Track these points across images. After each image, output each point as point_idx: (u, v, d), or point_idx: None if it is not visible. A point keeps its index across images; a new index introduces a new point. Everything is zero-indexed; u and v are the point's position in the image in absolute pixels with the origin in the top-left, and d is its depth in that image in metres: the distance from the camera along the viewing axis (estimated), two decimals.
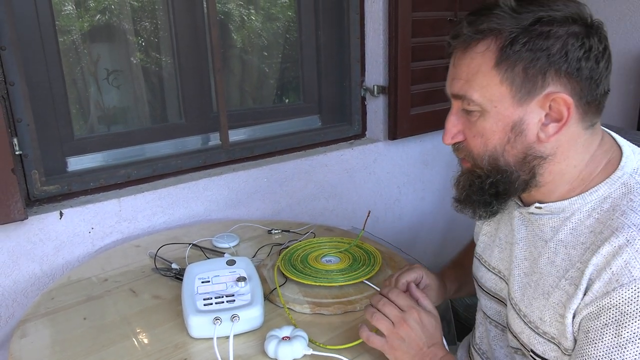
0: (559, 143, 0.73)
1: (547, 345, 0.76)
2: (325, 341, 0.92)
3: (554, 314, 0.74)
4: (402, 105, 1.79)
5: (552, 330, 0.75)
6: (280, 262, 1.15)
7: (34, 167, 1.28)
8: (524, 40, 0.69)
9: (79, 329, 0.97)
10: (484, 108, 0.74)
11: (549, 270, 0.76)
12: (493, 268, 0.92)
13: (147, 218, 1.44)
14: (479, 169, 0.78)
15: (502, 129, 0.74)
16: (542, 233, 0.79)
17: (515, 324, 0.82)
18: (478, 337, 1.00)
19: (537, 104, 0.71)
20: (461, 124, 0.78)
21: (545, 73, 0.69)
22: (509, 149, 0.74)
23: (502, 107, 0.73)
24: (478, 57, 0.72)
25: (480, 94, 0.73)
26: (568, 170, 0.75)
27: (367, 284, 1.09)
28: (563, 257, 0.74)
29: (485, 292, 0.94)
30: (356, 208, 1.88)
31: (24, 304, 1.28)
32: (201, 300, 0.94)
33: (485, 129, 0.75)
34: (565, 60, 0.69)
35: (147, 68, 1.60)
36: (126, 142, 1.52)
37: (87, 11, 1.47)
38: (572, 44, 0.68)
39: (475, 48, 0.73)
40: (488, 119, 0.74)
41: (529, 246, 0.82)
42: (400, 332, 0.82)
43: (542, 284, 0.77)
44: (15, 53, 1.20)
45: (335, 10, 1.82)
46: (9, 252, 1.24)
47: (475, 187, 0.79)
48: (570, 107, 0.70)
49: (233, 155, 1.62)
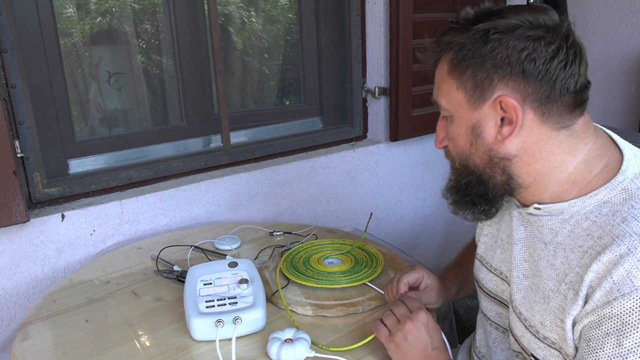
0: (524, 144, 0.75)
1: (547, 351, 0.76)
2: (328, 343, 0.92)
3: (554, 318, 0.74)
4: (403, 106, 1.79)
5: (552, 335, 0.75)
6: (283, 264, 1.15)
7: (35, 170, 1.28)
8: (468, 48, 0.74)
9: (81, 332, 0.97)
10: (450, 113, 0.80)
11: (548, 273, 0.76)
12: (495, 269, 0.92)
13: (149, 220, 1.43)
14: (455, 171, 0.84)
15: (464, 132, 0.78)
16: (542, 235, 0.79)
17: (516, 328, 0.82)
18: (478, 339, 1.00)
19: (489, 107, 0.75)
20: (444, 130, 0.84)
21: (492, 77, 0.73)
22: (474, 151, 0.79)
23: (462, 112, 0.78)
24: (441, 68, 0.79)
25: (446, 100, 0.79)
26: (549, 172, 0.76)
27: (370, 285, 1.09)
28: (562, 261, 0.74)
29: (487, 293, 0.94)
30: (358, 210, 1.88)
31: (26, 306, 1.28)
32: (203, 303, 0.94)
33: (453, 133, 0.81)
34: (509, 63, 0.72)
35: (148, 70, 1.60)
36: (128, 145, 1.52)
37: (88, 14, 1.48)
38: (514, 47, 0.71)
39: (440, 61, 0.80)
40: (454, 124, 0.80)
41: (528, 247, 0.82)
42: (405, 329, 0.84)
43: (543, 288, 0.77)
44: (17, 56, 1.20)
45: (336, 11, 1.82)
46: (10, 254, 1.24)
47: (454, 188, 0.85)
48: (517, 109, 0.72)
49: (234, 157, 1.62)
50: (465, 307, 1.39)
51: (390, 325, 0.87)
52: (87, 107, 1.52)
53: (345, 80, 1.88)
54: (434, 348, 0.84)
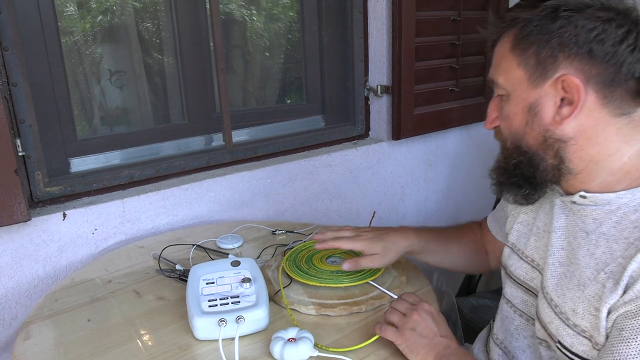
0: (581, 127, 0.74)
1: (575, 339, 0.75)
2: (331, 342, 0.91)
3: (588, 306, 0.73)
4: (405, 105, 1.78)
5: (583, 323, 0.74)
6: (285, 263, 1.14)
7: (37, 168, 1.27)
8: (535, 24, 0.73)
9: (83, 331, 0.96)
10: (508, 91, 0.79)
11: (587, 262, 0.75)
12: (527, 257, 0.91)
13: (151, 219, 1.43)
14: (505, 151, 0.83)
15: (521, 111, 0.78)
16: (584, 224, 0.78)
17: (545, 314, 0.81)
18: (496, 326, 1.00)
19: (550, 86, 0.74)
20: (497, 110, 0.84)
21: (556, 55, 0.72)
22: (529, 131, 0.78)
23: (521, 90, 0.77)
24: (502, 44, 0.79)
25: (504, 77, 0.79)
26: (602, 159, 0.74)
27: (372, 284, 1.08)
28: (604, 250, 0.73)
29: (514, 280, 0.93)
30: (360, 208, 1.87)
31: (28, 305, 1.27)
32: (206, 302, 0.94)
33: (509, 112, 0.80)
34: (576, 42, 0.71)
35: (149, 68, 1.59)
36: (129, 143, 1.52)
37: (89, 12, 1.47)
38: (583, 26, 0.70)
39: (502, 37, 0.79)
40: (511, 102, 0.79)
41: (567, 236, 0.81)
42: (411, 321, 0.85)
43: (579, 275, 0.76)
44: (18, 54, 1.20)
45: (338, 9, 1.82)
46: (12, 253, 1.24)
47: (502, 169, 0.84)
48: (579, 89, 0.71)
49: (236, 155, 1.61)
50: (470, 306, 1.38)
51: (397, 320, 0.87)
52: (88, 106, 1.52)
53: (347, 78, 1.88)
54: (442, 335, 0.85)
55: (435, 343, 0.84)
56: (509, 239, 0.97)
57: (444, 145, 2.07)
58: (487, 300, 1.47)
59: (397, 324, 0.87)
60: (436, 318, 0.87)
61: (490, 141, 2.20)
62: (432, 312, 0.88)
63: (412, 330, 0.85)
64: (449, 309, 1.26)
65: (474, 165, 2.21)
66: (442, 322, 0.88)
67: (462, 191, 2.21)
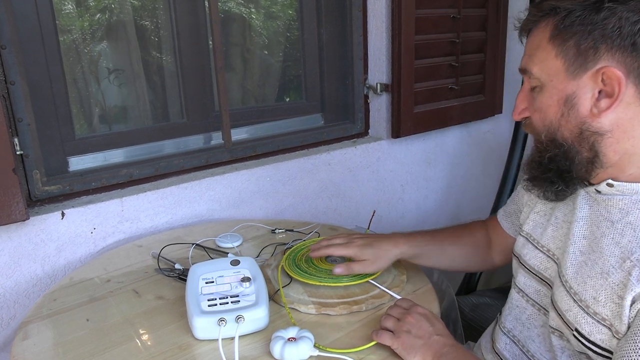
0: (618, 120, 0.74)
1: (594, 327, 0.75)
2: (331, 342, 0.91)
3: (611, 294, 0.73)
4: (405, 103, 1.78)
5: (604, 311, 0.73)
6: (285, 261, 1.14)
7: (35, 167, 1.27)
8: (577, 14, 0.73)
9: (82, 331, 0.96)
10: (542, 82, 0.78)
11: (612, 250, 0.75)
12: (542, 247, 0.91)
13: (150, 218, 1.42)
14: (540, 144, 0.82)
15: (556, 103, 0.77)
16: (609, 214, 0.78)
17: (563, 302, 0.81)
18: (505, 315, 1.00)
19: (590, 78, 0.74)
20: (527, 101, 0.83)
21: (598, 47, 0.72)
22: (564, 124, 0.77)
23: (557, 81, 0.76)
24: (539, 33, 0.78)
25: (539, 67, 0.78)
26: (636, 152, 0.75)
27: (373, 283, 1.08)
28: (630, 239, 0.73)
29: (528, 269, 0.93)
30: (359, 207, 1.87)
31: (26, 305, 1.27)
32: (205, 301, 0.93)
33: (543, 103, 0.79)
34: (619, 34, 0.70)
35: (148, 67, 1.59)
36: (128, 142, 1.51)
37: (87, 10, 1.46)
38: (627, 18, 0.70)
39: (538, 26, 0.78)
40: (545, 93, 0.78)
41: (590, 225, 0.81)
42: (406, 324, 0.86)
43: (602, 264, 0.76)
44: (16, 52, 1.19)
45: (338, 7, 1.81)
46: (10, 253, 1.23)
47: (536, 162, 0.83)
48: (621, 82, 0.71)
49: (235, 154, 1.61)
50: (470, 305, 1.38)
51: (392, 325, 0.88)
52: (87, 104, 1.51)
53: (346, 76, 1.87)
54: (438, 334, 0.85)
55: (432, 342, 0.84)
56: (524, 228, 0.97)
57: (444, 144, 2.07)
58: (488, 298, 1.47)
59: (392, 328, 0.87)
60: (431, 319, 0.88)
61: (490, 139, 2.21)
62: (426, 314, 0.89)
63: (408, 332, 0.85)
64: (449, 307, 1.25)
65: (473, 163, 2.20)
66: (437, 322, 0.89)
67: (461, 189, 2.20)
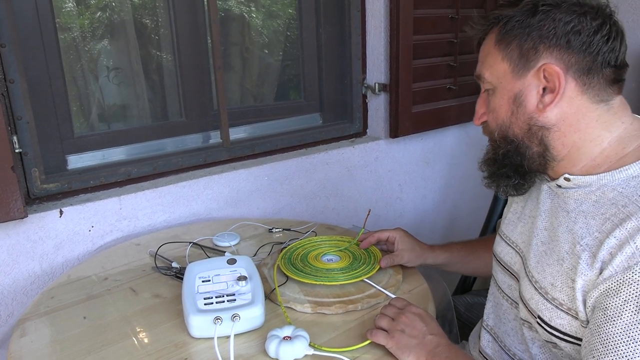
0: (563, 114, 0.78)
1: (554, 312, 0.78)
2: (327, 341, 0.91)
3: (566, 279, 0.76)
4: (403, 103, 1.78)
5: (561, 297, 0.77)
6: (280, 261, 1.14)
7: (34, 165, 1.27)
8: (517, 19, 0.79)
9: (79, 328, 0.96)
10: (493, 85, 0.84)
11: (565, 237, 0.79)
12: (512, 242, 0.95)
13: (148, 216, 1.43)
14: (494, 142, 0.87)
15: (506, 102, 0.82)
16: (566, 205, 0.81)
17: (526, 291, 0.85)
18: (486, 313, 1.03)
19: (533, 76, 0.79)
20: (484, 106, 0.88)
21: (537, 47, 0.78)
22: (514, 121, 0.82)
23: (505, 82, 0.82)
24: (487, 41, 0.85)
25: (490, 72, 0.84)
26: (584, 144, 0.79)
27: (368, 282, 1.08)
28: (581, 225, 0.76)
29: (502, 265, 0.97)
30: (357, 206, 1.87)
31: (24, 302, 1.27)
32: (202, 300, 0.94)
33: (495, 105, 0.84)
34: (554, 34, 0.76)
35: (147, 65, 1.59)
36: (126, 140, 1.52)
37: (87, 8, 1.47)
38: (560, 19, 0.76)
39: (487, 35, 0.85)
40: (496, 95, 0.84)
41: (550, 217, 0.84)
42: (400, 324, 0.87)
43: (558, 251, 0.79)
44: (15, 50, 1.20)
45: (337, 7, 1.81)
46: (8, 250, 1.24)
47: (491, 160, 0.88)
48: (560, 77, 0.76)
49: (234, 153, 1.61)
50: (465, 305, 1.39)
51: (386, 325, 0.89)
52: (85, 102, 1.51)
53: (345, 76, 1.88)
54: (431, 334, 0.87)
55: (425, 342, 0.85)
56: (501, 227, 1.01)
57: (442, 144, 2.07)
58: (483, 298, 1.47)
59: (386, 328, 0.89)
60: (425, 318, 0.90)
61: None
62: (420, 313, 0.90)
63: (402, 332, 0.86)
64: (445, 307, 1.26)
65: (471, 163, 2.20)
66: (431, 321, 0.90)
67: (459, 189, 2.21)
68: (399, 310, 0.91)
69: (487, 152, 0.90)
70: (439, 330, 0.88)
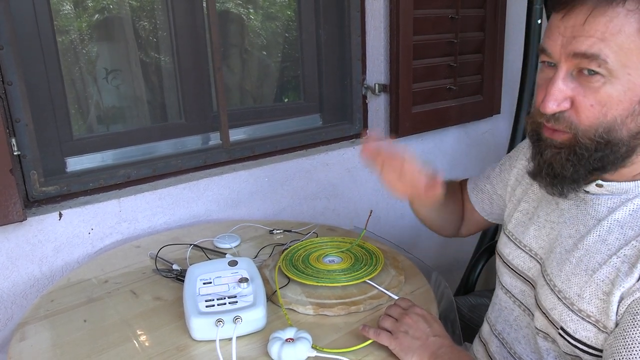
0: None
1: (579, 324, 0.74)
2: (329, 343, 0.91)
3: (596, 290, 0.72)
4: (403, 103, 1.78)
5: (590, 308, 0.73)
6: (282, 262, 1.14)
7: (32, 168, 1.27)
8: None
9: (79, 332, 0.95)
10: (613, 74, 0.67)
11: (598, 247, 0.74)
12: (524, 246, 0.90)
13: (148, 218, 1.42)
14: (588, 141, 0.71)
15: (629, 99, 0.68)
16: (596, 212, 0.77)
17: (547, 300, 0.81)
18: (494, 317, 1.00)
19: None
20: (570, 90, 0.71)
21: None
22: (629, 122, 0.69)
23: (637, 76, 0.67)
24: (621, 16, 0.65)
25: (617, 56, 0.66)
26: None
27: (370, 283, 1.07)
28: (617, 236, 0.73)
29: (512, 269, 0.93)
30: (358, 207, 1.86)
31: (23, 306, 1.27)
32: (203, 302, 0.93)
33: (610, 97, 0.68)
34: None
35: (146, 67, 1.59)
36: (126, 142, 1.51)
37: (85, 10, 1.46)
38: None
39: (618, 3, 0.66)
40: (616, 86, 0.68)
41: (576, 224, 0.80)
42: (403, 325, 0.86)
43: (587, 261, 0.75)
44: (14, 52, 1.19)
45: (336, 8, 1.81)
46: (7, 253, 1.23)
47: (576, 161, 0.73)
48: None
49: (234, 154, 1.60)
50: (468, 305, 1.38)
51: (389, 325, 0.88)
52: (84, 105, 1.51)
53: (345, 77, 1.87)
54: (435, 335, 0.85)
55: (429, 343, 0.84)
56: (508, 227, 0.97)
57: (442, 144, 2.07)
58: (486, 299, 1.47)
59: (390, 329, 0.88)
60: (428, 319, 0.88)
61: (488, 140, 2.21)
62: (424, 315, 0.89)
63: (405, 333, 0.85)
64: (447, 308, 1.25)
65: (471, 163, 2.20)
66: (434, 322, 0.89)
67: None
68: (403, 311, 0.90)
69: (567, 152, 0.73)
70: (443, 332, 0.87)
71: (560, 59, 0.71)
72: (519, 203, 0.96)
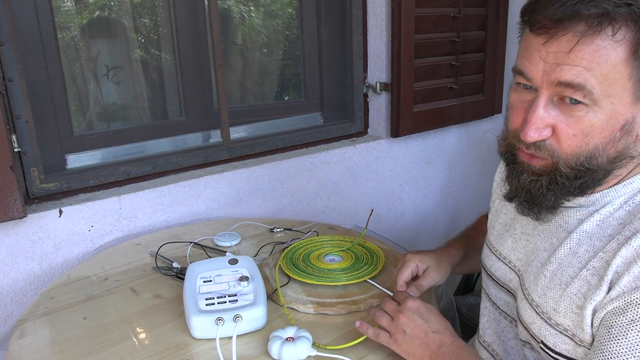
0: None
1: (558, 338, 0.74)
2: (330, 342, 0.91)
3: (570, 304, 0.72)
4: (404, 102, 1.77)
5: (565, 322, 0.73)
6: (282, 261, 1.13)
7: (33, 165, 1.26)
8: None
9: (79, 329, 0.95)
10: (597, 103, 0.65)
11: (569, 260, 0.74)
12: (504, 258, 0.90)
13: (148, 216, 1.42)
14: (569, 170, 0.70)
15: (611, 127, 0.66)
16: (567, 224, 0.77)
17: (526, 315, 0.80)
18: (482, 328, 0.98)
19: None
20: (551, 118, 0.69)
21: None
22: (609, 148, 0.68)
23: (620, 104, 0.66)
24: (608, 46, 0.63)
25: (602, 86, 0.64)
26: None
27: (370, 282, 1.07)
28: (587, 249, 0.72)
29: (495, 281, 0.92)
30: (358, 206, 1.86)
31: (23, 303, 1.26)
32: (203, 300, 0.93)
33: (593, 126, 0.67)
34: None
35: (147, 64, 1.58)
36: (126, 139, 1.51)
37: (86, 7, 1.46)
38: None
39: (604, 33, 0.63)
40: (599, 115, 0.66)
41: (550, 237, 0.79)
42: (400, 323, 0.84)
43: (560, 274, 0.75)
44: (14, 49, 1.19)
45: (337, 6, 1.81)
46: (7, 250, 1.23)
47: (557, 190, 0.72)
48: None
49: (234, 152, 1.60)
50: (468, 305, 1.38)
51: (386, 325, 0.86)
52: (85, 102, 1.50)
53: (346, 75, 1.87)
54: (434, 331, 0.82)
55: (428, 341, 0.82)
56: (489, 238, 0.96)
57: (443, 143, 2.07)
58: None
59: (387, 329, 0.85)
60: (424, 314, 0.84)
61: (489, 139, 2.21)
62: (418, 309, 0.85)
63: (403, 333, 0.83)
64: (447, 307, 1.25)
65: (472, 163, 2.20)
66: (431, 316, 0.85)
67: (460, 189, 2.20)
68: (397, 308, 0.86)
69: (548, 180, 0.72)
70: (441, 325, 0.84)
71: (541, 85, 0.68)
72: (498, 215, 0.95)
